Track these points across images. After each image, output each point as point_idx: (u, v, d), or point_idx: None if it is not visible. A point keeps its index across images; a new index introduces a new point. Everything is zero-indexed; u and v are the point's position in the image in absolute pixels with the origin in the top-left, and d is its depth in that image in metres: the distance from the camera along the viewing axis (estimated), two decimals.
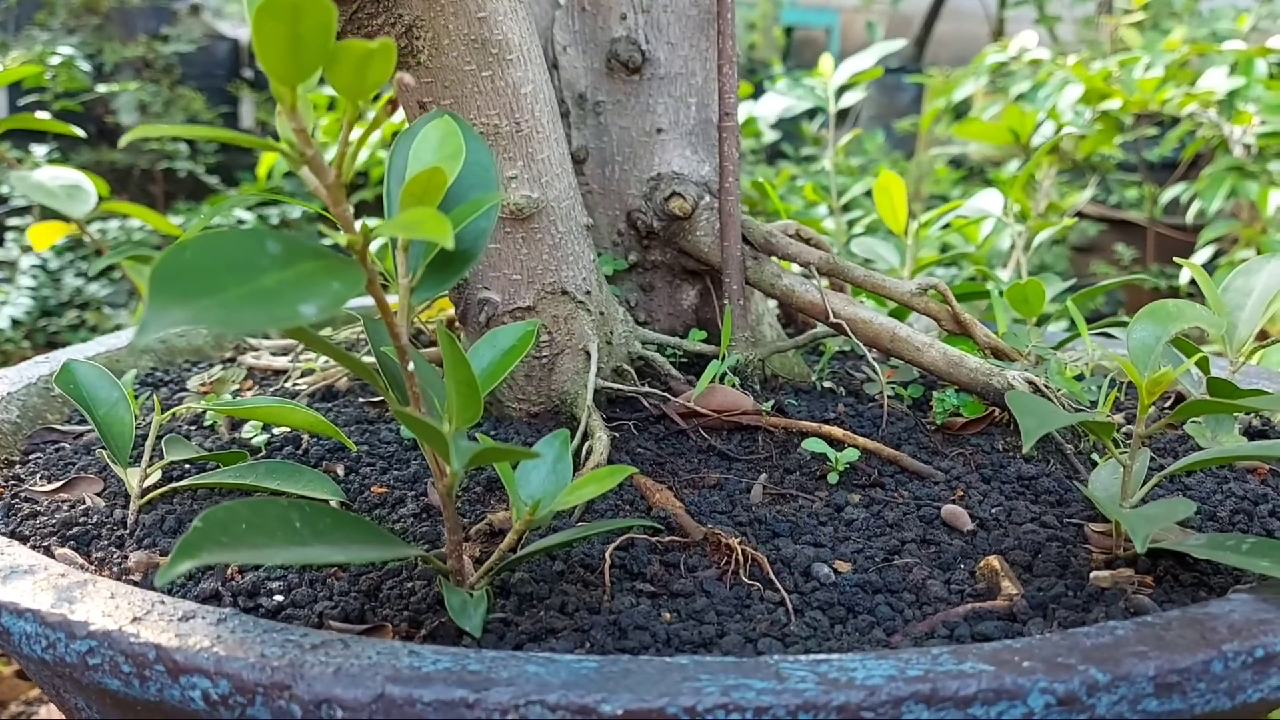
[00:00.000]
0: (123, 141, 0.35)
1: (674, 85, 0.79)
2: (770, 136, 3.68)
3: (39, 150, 2.64)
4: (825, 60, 1.52)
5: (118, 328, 2.77)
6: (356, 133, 0.37)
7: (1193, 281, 2.29)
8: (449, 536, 0.48)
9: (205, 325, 0.29)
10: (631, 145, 0.80)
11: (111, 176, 3.30)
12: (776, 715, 0.39)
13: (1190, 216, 2.46)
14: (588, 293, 0.71)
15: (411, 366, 0.43)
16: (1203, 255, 2.31)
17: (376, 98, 0.38)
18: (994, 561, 0.52)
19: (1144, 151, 3.48)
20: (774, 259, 0.78)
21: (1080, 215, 3.74)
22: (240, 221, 2.71)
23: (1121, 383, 0.86)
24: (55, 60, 2.45)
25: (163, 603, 0.46)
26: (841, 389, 0.80)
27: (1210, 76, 2.14)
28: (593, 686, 0.40)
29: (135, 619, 0.44)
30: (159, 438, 0.63)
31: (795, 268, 0.81)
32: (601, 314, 0.72)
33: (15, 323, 2.66)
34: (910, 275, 1.17)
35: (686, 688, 0.39)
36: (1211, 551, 0.50)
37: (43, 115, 1.36)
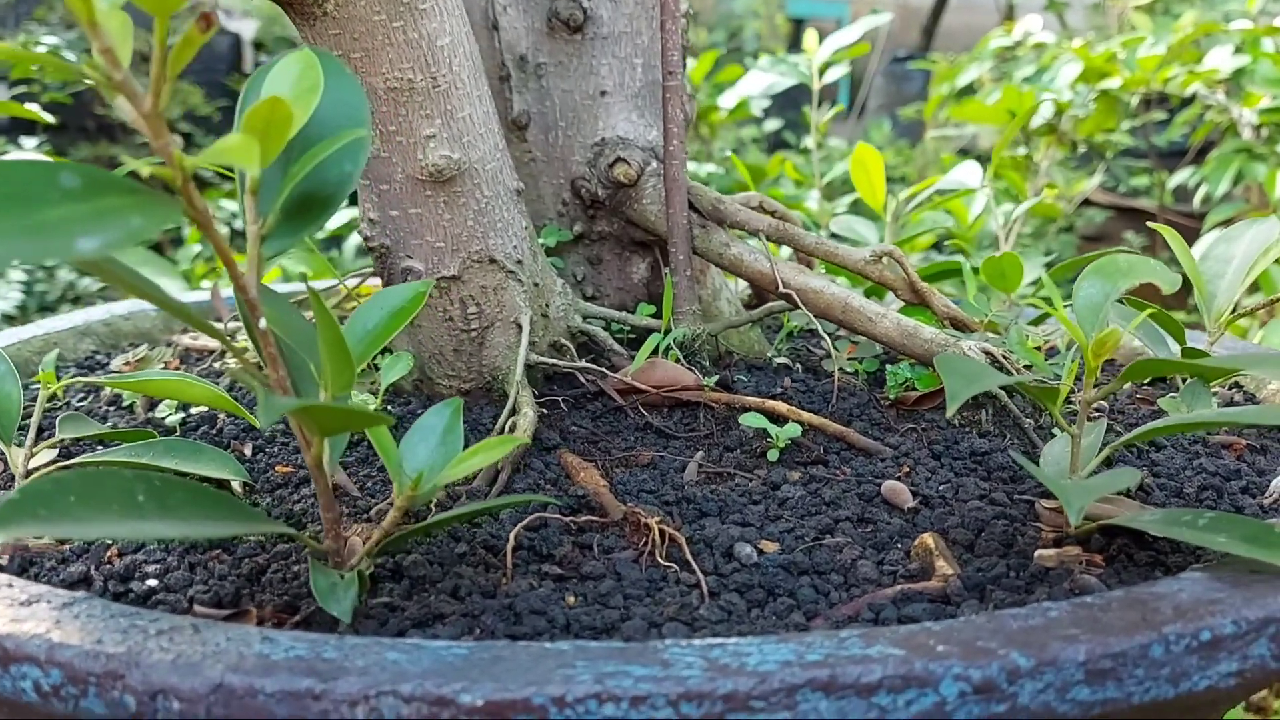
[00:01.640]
0: None
1: (618, 45, 0.75)
2: (772, 125, 3.63)
3: (29, 143, 2.62)
4: (809, 36, 1.47)
5: None
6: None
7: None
8: (324, 514, 0.44)
9: None
10: (575, 109, 0.76)
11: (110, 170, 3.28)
12: (655, 705, 0.35)
13: (1198, 201, 2.40)
14: (519, 262, 0.67)
15: (264, 322, 0.39)
16: (1209, 239, 2.25)
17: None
18: (928, 540, 0.48)
19: (1153, 137, 3.41)
20: (725, 227, 0.74)
21: (1088, 203, 3.67)
22: (234, 216, 2.69)
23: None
24: (40, 50, 2.43)
25: (11, 585, 0.43)
26: (799, 365, 0.76)
27: (1215, 55, 2.08)
28: (455, 675, 0.36)
29: None
30: (47, 414, 0.59)
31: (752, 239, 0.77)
32: (536, 285, 0.68)
33: (8, 318, 2.64)
34: None
35: (558, 675, 0.35)
36: (1166, 528, 0.45)
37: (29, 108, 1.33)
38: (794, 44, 5.35)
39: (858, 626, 0.44)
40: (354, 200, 0.66)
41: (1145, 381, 0.78)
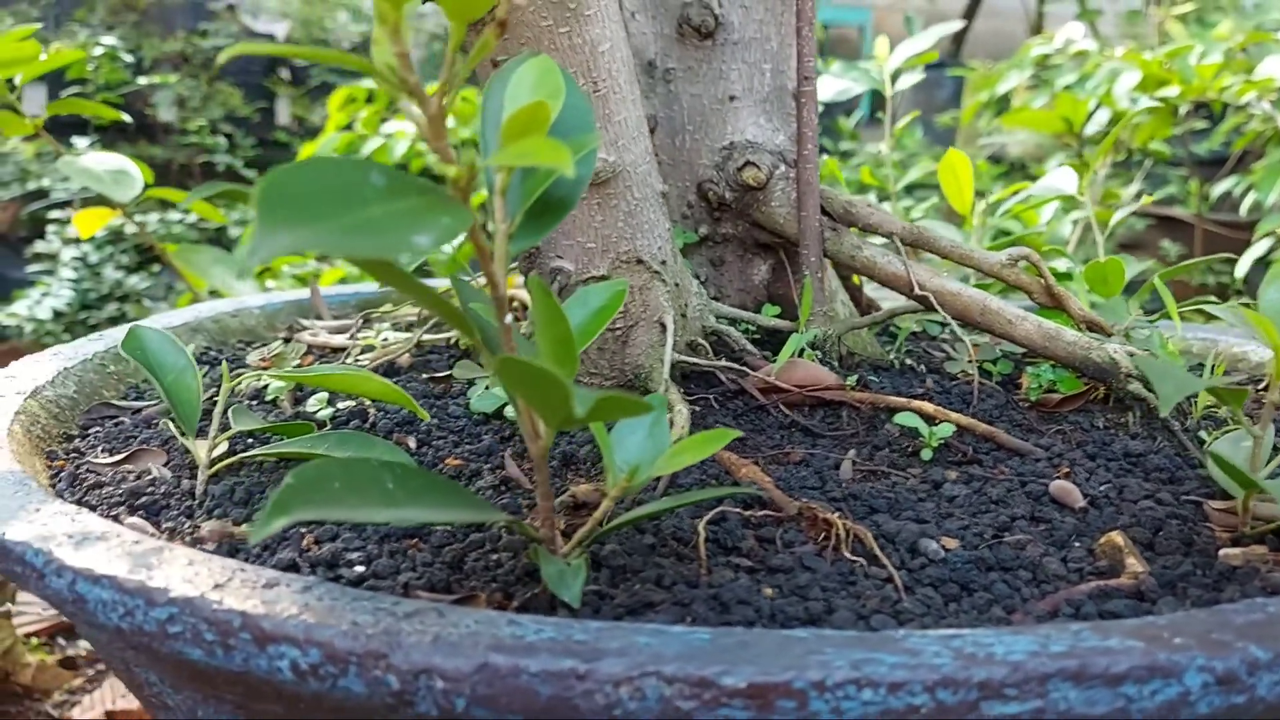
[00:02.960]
0: (222, 57, 0.32)
1: (748, 51, 0.76)
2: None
3: (81, 143, 2.65)
4: (880, 43, 1.49)
5: None
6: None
7: (1246, 279, 2.23)
8: (541, 503, 0.45)
9: (317, 249, 0.27)
10: (703, 114, 0.77)
11: (150, 170, 3.32)
12: (912, 691, 0.36)
13: (1244, 210, 2.40)
14: (663, 262, 0.68)
15: (510, 319, 0.40)
16: (1260, 248, 2.25)
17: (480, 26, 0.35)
18: (1117, 538, 0.49)
19: (1191, 145, 3.41)
20: (852, 230, 0.75)
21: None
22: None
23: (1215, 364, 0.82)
24: (98, 51, 2.45)
25: (244, 570, 0.44)
26: (922, 366, 0.77)
27: (1270, 64, 2.08)
28: (709, 658, 0.37)
29: (217, 585, 0.42)
30: (227, 408, 0.61)
31: (876, 239, 0.78)
32: (677, 285, 0.70)
33: (57, 314, 2.67)
34: None
35: (813, 661, 0.37)
36: None
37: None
38: (819, 51, 5.36)
39: (1062, 622, 0.45)
40: None
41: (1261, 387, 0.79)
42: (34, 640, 1.18)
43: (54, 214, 2.81)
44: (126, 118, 1.39)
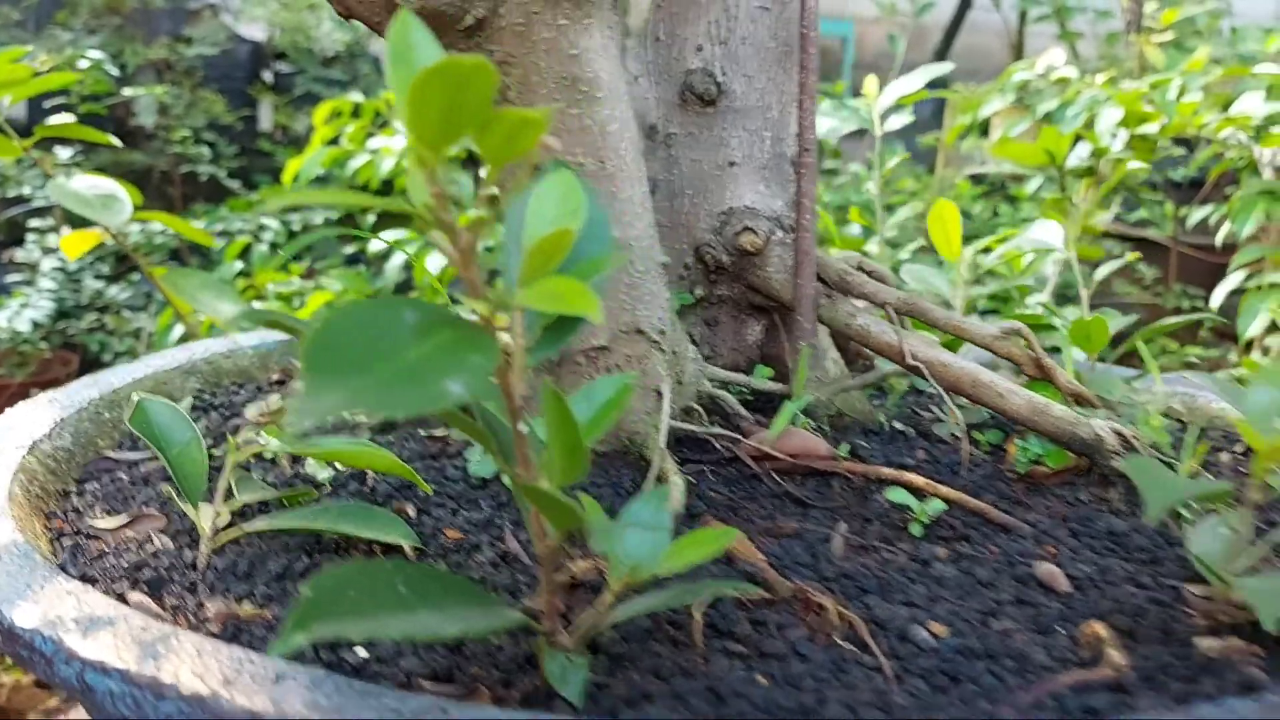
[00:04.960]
0: (269, 207, 0.33)
1: (749, 118, 0.78)
2: None
3: (63, 153, 2.63)
4: (869, 82, 1.51)
5: (136, 331, 2.76)
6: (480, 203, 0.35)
7: (1222, 307, 2.26)
8: (546, 598, 0.46)
9: (361, 407, 0.28)
10: (702, 178, 0.79)
11: (131, 178, 3.29)
12: None
13: (1220, 239, 2.44)
14: (661, 332, 0.69)
15: (523, 428, 0.41)
16: (1234, 280, 2.29)
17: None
18: (1099, 629, 0.51)
19: (1167, 171, 3.46)
20: (851, 298, 0.77)
21: (1103, 234, 3.71)
22: (261, 228, 2.70)
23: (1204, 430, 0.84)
24: (83, 64, 2.44)
25: (252, 662, 0.45)
26: (912, 430, 0.78)
27: (1247, 101, 2.12)
28: None
29: (226, 681, 0.43)
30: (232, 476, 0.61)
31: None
32: (674, 353, 0.71)
33: (35, 324, 2.65)
34: (963, 307, 1.15)
35: None
36: None
37: (64, 118, 1.35)
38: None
39: (1046, 715, 0.46)
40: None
41: (1242, 451, 0.81)
42: (8, 660, 1.18)
43: (34, 222, 2.79)
44: (116, 141, 1.39)
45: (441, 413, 0.40)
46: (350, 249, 2.97)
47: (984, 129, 3.02)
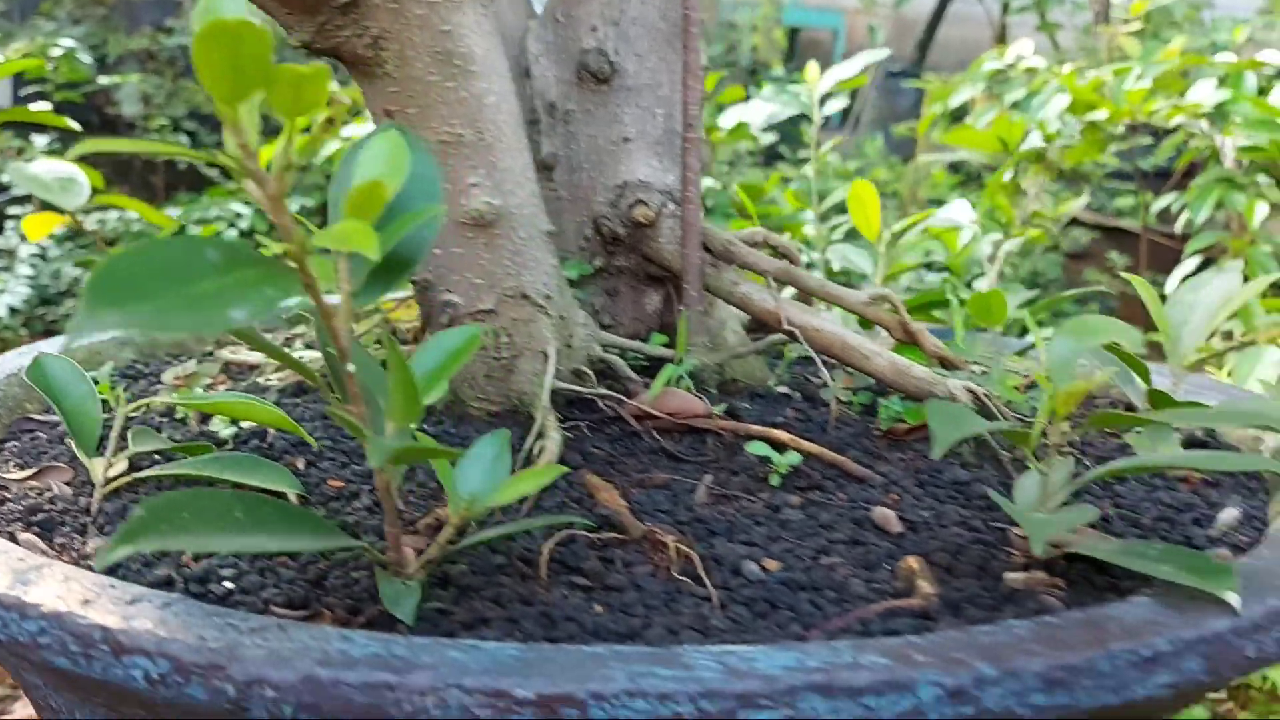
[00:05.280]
0: (74, 153, 0.37)
1: (641, 96, 0.82)
2: (768, 139, 3.70)
3: (40, 140, 2.67)
4: (811, 67, 1.54)
5: None
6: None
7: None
8: (388, 529, 0.50)
9: (136, 329, 0.32)
10: (599, 153, 0.82)
11: (113, 167, 3.33)
12: (678, 701, 0.41)
13: (1179, 226, 2.48)
14: (548, 297, 0.73)
15: (351, 367, 0.45)
16: (1189, 265, 2.33)
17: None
18: (913, 562, 0.54)
19: (1138, 160, 3.49)
20: (734, 266, 0.81)
21: (1075, 222, 3.75)
22: (238, 216, 2.74)
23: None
24: (57, 52, 2.47)
25: (114, 587, 0.49)
26: (798, 394, 0.82)
27: (1199, 89, 2.16)
28: (510, 671, 0.42)
29: (85, 601, 0.47)
30: (125, 429, 0.65)
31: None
32: (561, 318, 0.75)
33: (13, 311, 2.69)
34: (883, 281, 1.19)
35: (598, 674, 0.42)
36: (1121, 557, 0.52)
37: (41, 106, 1.39)
38: (790, 55, 5.42)
39: (849, 638, 0.50)
40: None
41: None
42: None
43: (13, 210, 2.83)
44: (75, 125, 1.42)
45: (274, 354, 0.44)
46: None
47: (959, 118, 3.06)
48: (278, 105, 0.37)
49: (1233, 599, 0.47)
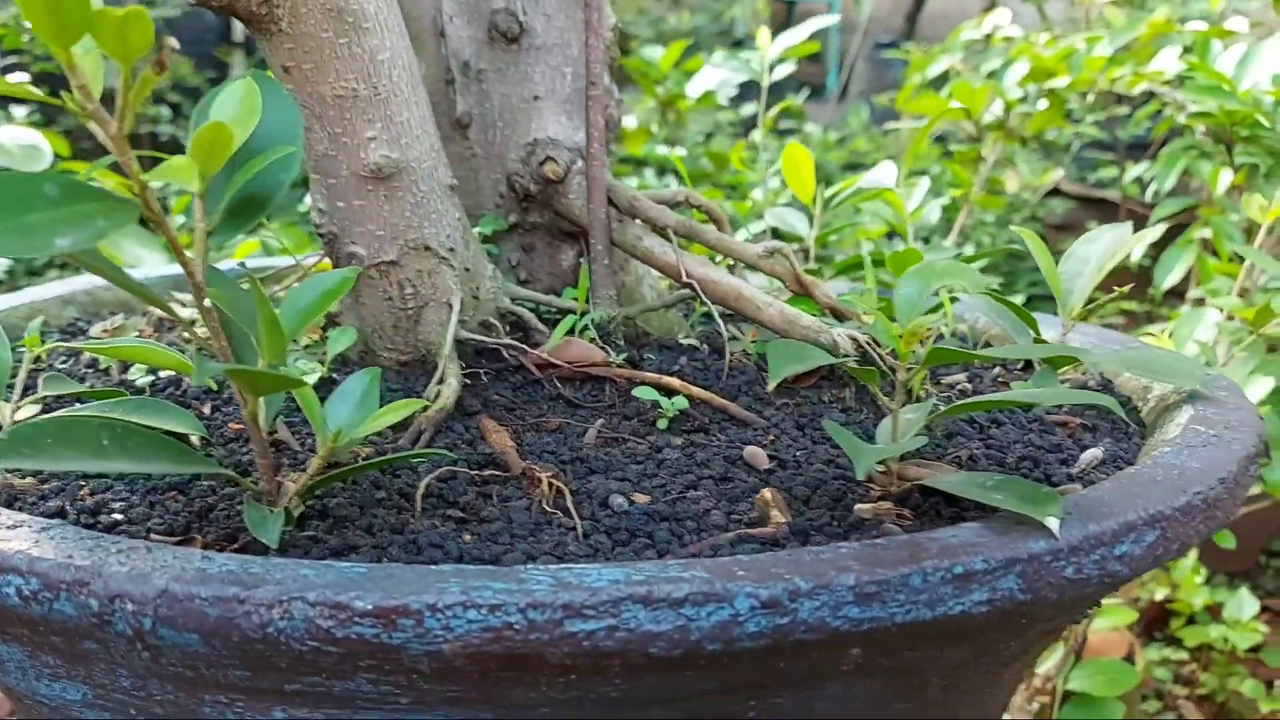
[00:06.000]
0: None
1: (550, 55, 0.84)
2: (749, 110, 3.71)
3: (19, 112, 2.68)
4: (762, 33, 1.56)
5: None
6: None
7: (1147, 255, 2.32)
8: (259, 460, 0.53)
9: None
10: (511, 111, 0.85)
11: (95, 140, 3.34)
12: (507, 611, 0.44)
13: (1150, 195, 2.49)
14: (451, 249, 0.76)
15: (208, 303, 0.48)
16: (1154, 233, 2.34)
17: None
18: (766, 494, 0.57)
19: (1118, 130, 3.49)
20: (639, 221, 0.83)
21: (1056, 192, 3.76)
22: None
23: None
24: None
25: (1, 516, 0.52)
26: (705, 347, 0.85)
27: (1163, 57, 2.16)
28: (352, 586, 0.45)
29: None
30: (33, 375, 0.68)
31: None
32: (467, 270, 0.77)
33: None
34: (816, 242, 1.21)
35: (434, 587, 0.45)
36: (960, 487, 0.55)
37: (18, 78, 1.40)
38: (785, 26, 5.41)
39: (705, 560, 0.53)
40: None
41: (1019, 366, 0.87)
42: None
43: None
44: (38, 93, 1.44)
45: (117, 281, 0.46)
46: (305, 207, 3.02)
47: (939, 88, 3.06)
48: (106, 47, 0.39)
49: (1052, 523, 0.50)
